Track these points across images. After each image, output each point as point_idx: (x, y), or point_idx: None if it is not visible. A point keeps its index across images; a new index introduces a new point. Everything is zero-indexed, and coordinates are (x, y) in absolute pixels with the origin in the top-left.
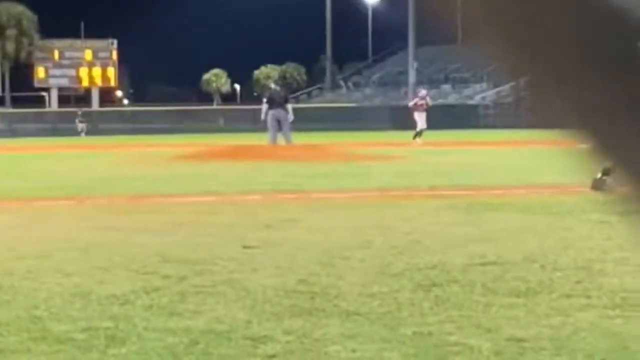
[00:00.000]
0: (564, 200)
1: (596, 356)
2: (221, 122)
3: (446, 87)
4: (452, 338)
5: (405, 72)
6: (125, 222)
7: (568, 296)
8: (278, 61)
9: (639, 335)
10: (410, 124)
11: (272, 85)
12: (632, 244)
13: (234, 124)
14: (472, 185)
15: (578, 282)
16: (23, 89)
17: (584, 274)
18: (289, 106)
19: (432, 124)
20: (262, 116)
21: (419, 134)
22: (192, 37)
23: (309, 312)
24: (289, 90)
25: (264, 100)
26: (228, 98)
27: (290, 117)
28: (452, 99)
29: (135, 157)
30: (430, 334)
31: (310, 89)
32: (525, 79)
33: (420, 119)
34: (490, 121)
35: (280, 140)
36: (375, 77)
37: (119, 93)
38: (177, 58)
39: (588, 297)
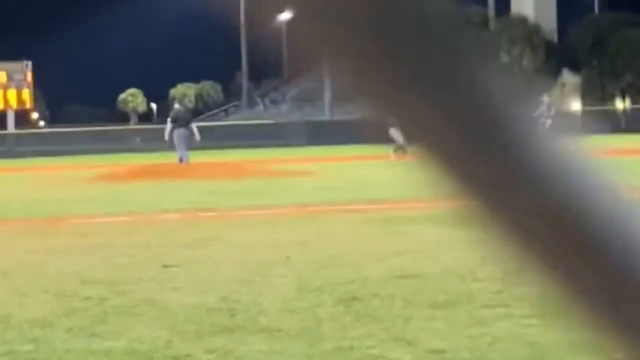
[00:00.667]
0: None
1: None
2: (138, 141)
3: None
4: (373, 351)
5: (321, 88)
6: (43, 244)
7: (486, 307)
8: (194, 79)
9: (557, 343)
10: (336, 140)
11: (176, 105)
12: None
13: (150, 144)
14: (389, 198)
15: (496, 292)
16: None
17: (502, 284)
18: (194, 126)
19: (347, 139)
20: (166, 136)
21: (401, 148)
22: (108, 56)
23: (230, 330)
24: (197, 110)
25: (168, 120)
26: (145, 117)
27: (197, 137)
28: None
29: (52, 179)
30: (351, 348)
31: (227, 106)
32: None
33: (397, 133)
34: None
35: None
36: (291, 93)
37: (35, 115)
38: (93, 78)
39: (506, 306)
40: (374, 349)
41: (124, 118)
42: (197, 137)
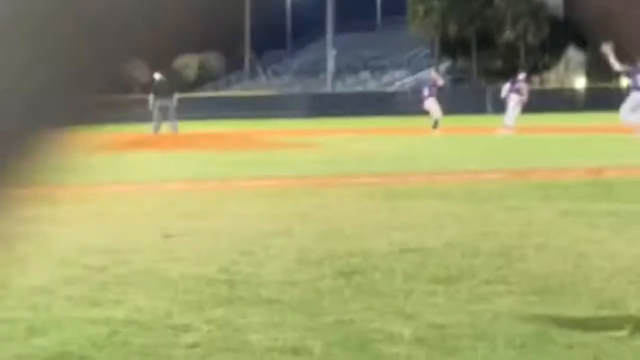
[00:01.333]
0: (483, 187)
1: (516, 342)
2: (140, 111)
3: (365, 74)
4: (374, 325)
5: (324, 60)
6: (44, 212)
7: (488, 282)
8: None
9: (559, 320)
10: (338, 113)
11: (157, 76)
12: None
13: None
14: (391, 172)
15: (498, 268)
16: None
17: (504, 260)
18: (175, 97)
19: (349, 112)
20: (150, 107)
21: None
22: None
23: (230, 301)
24: (199, 80)
25: (150, 91)
26: (147, 86)
27: (172, 108)
28: (371, 86)
29: None
30: (351, 321)
31: (228, 76)
32: None
33: (434, 106)
34: (409, 108)
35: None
36: (294, 64)
37: None
38: None
39: (508, 283)
40: (374, 322)
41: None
42: (173, 107)
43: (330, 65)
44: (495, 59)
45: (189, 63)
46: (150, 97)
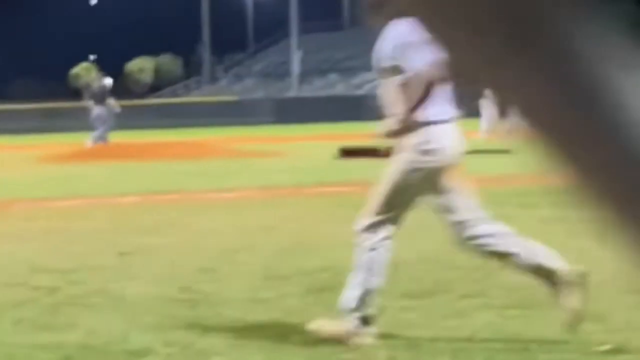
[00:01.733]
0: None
1: (496, 358)
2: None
3: (333, 76)
4: (345, 345)
5: (289, 62)
6: None
7: (465, 296)
8: (151, 52)
9: (539, 334)
10: (305, 118)
11: (94, 81)
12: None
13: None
14: (361, 180)
15: (475, 281)
16: None
17: (481, 273)
18: (111, 102)
19: (316, 117)
20: (93, 114)
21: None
22: (59, 28)
23: (191, 322)
24: (155, 85)
25: (87, 97)
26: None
27: (116, 110)
28: (339, 89)
29: (0, 160)
30: (321, 341)
31: (187, 81)
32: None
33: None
34: (380, 112)
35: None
36: (257, 67)
37: None
38: (43, 51)
39: (486, 296)
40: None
41: (77, 94)
42: (116, 109)
43: (296, 67)
44: None
45: (144, 67)
46: (91, 104)
